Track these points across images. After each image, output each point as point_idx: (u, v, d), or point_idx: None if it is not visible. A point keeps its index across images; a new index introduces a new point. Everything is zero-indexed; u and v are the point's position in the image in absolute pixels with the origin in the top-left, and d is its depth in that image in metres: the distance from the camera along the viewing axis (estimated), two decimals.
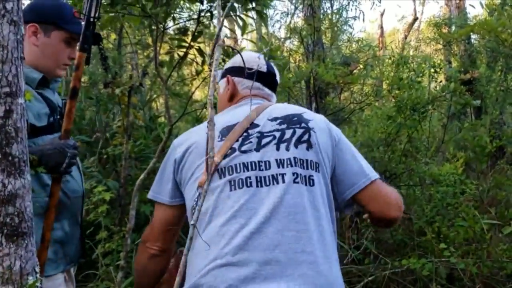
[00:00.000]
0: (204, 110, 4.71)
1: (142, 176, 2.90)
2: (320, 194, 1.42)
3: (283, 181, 1.39)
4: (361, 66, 4.81)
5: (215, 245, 1.34)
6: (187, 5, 4.06)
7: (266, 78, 1.68)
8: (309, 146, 1.46)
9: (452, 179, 3.55)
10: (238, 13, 2.90)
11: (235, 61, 1.74)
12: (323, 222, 1.39)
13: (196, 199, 1.45)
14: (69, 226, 1.76)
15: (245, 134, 1.49)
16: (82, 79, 5.31)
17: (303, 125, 1.50)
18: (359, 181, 1.49)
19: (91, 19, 1.58)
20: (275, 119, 1.52)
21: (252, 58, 1.68)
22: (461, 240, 3.33)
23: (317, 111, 4.38)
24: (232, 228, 1.34)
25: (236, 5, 2.82)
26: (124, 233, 3.03)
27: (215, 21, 3.08)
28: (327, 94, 4.86)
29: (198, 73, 3.76)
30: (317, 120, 1.56)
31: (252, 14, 2.96)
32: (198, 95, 9.35)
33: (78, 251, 1.87)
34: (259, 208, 1.36)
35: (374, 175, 1.52)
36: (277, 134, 1.48)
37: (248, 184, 1.39)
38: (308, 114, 1.57)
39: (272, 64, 1.78)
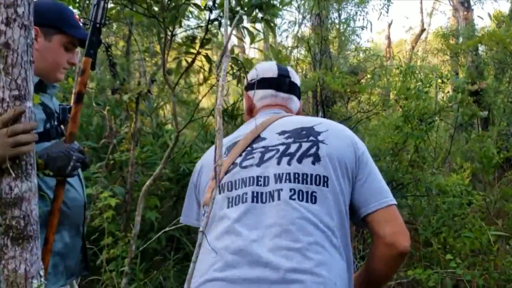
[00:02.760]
0: (211, 117, 4.73)
1: (148, 182, 2.90)
2: (326, 211, 1.32)
3: (279, 198, 1.32)
4: (369, 76, 4.81)
5: (206, 261, 1.32)
6: (195, 13, 4.09)
7: (279, 83, 1.65)
8: (316, 160, 1.37)
9: (459, 190, 3.53)
10: (245, 24, 2.92)
11: (250, 74, 1.74)
12: (323, 240, 1.28)
13: (203, 217, 1.45)
14: (69, 237, 1.69)
15: (248, 148, 1.46)
16: (90, 85, 5.35)
17: (311, 138, 1.42)
18: (377, 200, 1.38)
19: (97, 25, 1.58)
20: (283, 132, 1.47)
21: (266, 67, 1.68)
22: (467, 251, 3.31)
23: None
24: (223, 244, 1.30)
25: (244, 16, 2.84)
26: (129, 239, 3.03)
27: (223, 29, 3.10)
28: (334, 103, 4.86)
29: (205, 80, 3.78)
30: (334, 131, 1.46)
31: (261, 23, 2.97)
32: (204, 102, 9.39)
33: (80, 264, 1.79)
34: (251, 225, 1.30)
35: (392, 199, 1.41)
36: (281, 148, 1.41)
37: (244, 200, 1.34)
38: (322, 125, 1.48)
39: (288, 67, 1.74)
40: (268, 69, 1.67)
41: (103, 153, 4.22)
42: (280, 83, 1.66)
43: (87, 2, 3.34)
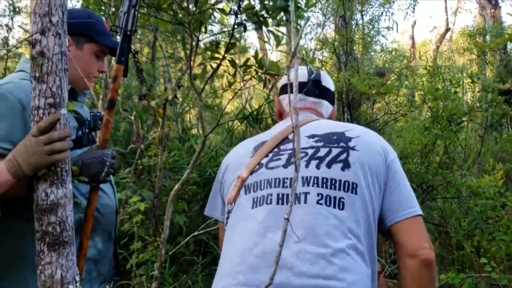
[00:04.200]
0: (235, 121, 4.74)
1: (176, 187, 2.91)
2: (353, 218, 1.29)
3: (305, 201, 1.30)
4: (395, 76, 4.74)
5: (230, 263, 1.31)
6: (218, 18, 4.11)
7: (308, 87, 1.62)
8: (346, 166, 1.35)
9: (492, 192, 3.44)
10: (271, 28, 2.91)
11: (282, 79, 1.73)
12: (349, 246, 1.26)
13: (226, 215, 1.45)
14: (102, 243, 1.70)
15: (275, 149, 1.44)
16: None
17: (341, 144, 1.40)
18: (405, 209, 1.36)
19: (128, 32, 1.59)
20: (312, 136, 1.45)
21: (299, 73, 1.66)
22: (502, 255, 3.21)
23: (350, 122, 4.33)
24: (246, 246, 1.29)
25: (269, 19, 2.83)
26: (158, 244, 3.05)
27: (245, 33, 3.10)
28: (360, 105, 4.81)
29: (230, 85, 3.79)
30: (365, 138, 1.43)
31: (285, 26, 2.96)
32: (228, 107, 9.43)
33: (112, 269, 1.80)
34: (276, 227, 1.28)
35: (419, 209, 1.38)
36: (310, 151, 1.39)
37: (268, 201, 1.33)
38: (353, 131, 1.45)
39: (321, 71, 1.71)
40: (299, 73, 1.66)
41: (131, 158, 4.27)
42: (312, 87, 1.63)
43: (112, 9, 3.38)
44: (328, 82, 1.68)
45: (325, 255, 1.23)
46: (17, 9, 10.50)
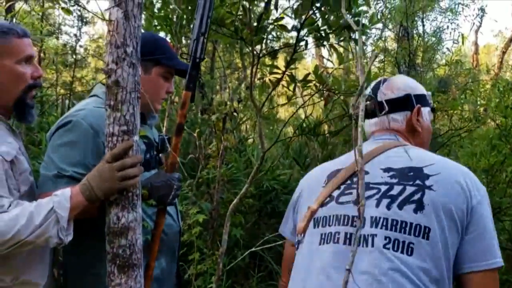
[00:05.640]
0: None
1: (235, 201, 2.94)
2: (422, 264, 1.20)
3: (372, 245, 1.23)
4: (459, 91, 4.56)
5: None
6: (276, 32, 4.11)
7: (372, 110, 1.51)
8: (419, 208, 1.24)
9: None
10: (333, 42, 2.88)
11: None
12: None
13: (296, 245, 1.43)
14: (166, 262, 1.73)
15: (348, 182, 1.38)
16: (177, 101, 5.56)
17: (417, 182, 1.29)
18: (486, 260, 1.23)
19: (197, 60, 1.62)
20: (388, 169, 1.35)
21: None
22: None
23: None
24: (312, 283, 1.27)
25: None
26: (216, 257, 3.09)
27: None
28: None
29: (289, 99, 3.78)
30: (446, 176, 1.30)
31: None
32: (283, 116, 9.43)
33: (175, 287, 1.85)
34: (342, 270, 1.21)
35: (501, 261, 1.26)
36: (383, 188, 1.31)
37: (335, 240, 1.29)
38: (433, 167, 1.32)
39: (384, 79, 1.56)
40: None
41: (190, 169, 4.36)
42: (373, 109, 1.51)
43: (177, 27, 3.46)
44: (387, 93, 1.52)
45: None
46: (84, 20, 11.08)
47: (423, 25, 6.43)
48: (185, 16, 3.16)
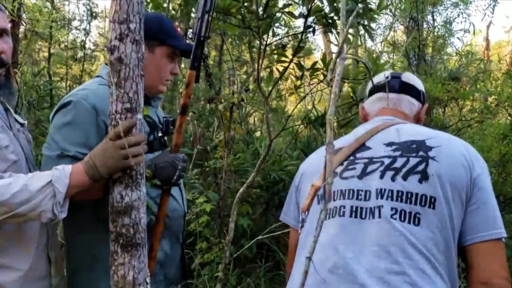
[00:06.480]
0: (302, 125, 4.70)
1: (241, 190, 2.93)
2: (429, 234, 1.20)
3: (379, 216, 1.23)
4: (471, 82, 4.50)
5: (300, 271, 1.29)
6: (285, 20, 4.09)
7: (387, 84, 1.53)
8: (424, 178, 1.24)
9: None
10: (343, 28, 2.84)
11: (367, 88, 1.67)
12: (424, 264, 1.18)
13: (300, 224, 1.42)
14: (169, 246, 1.71)
15: (351, 158, 1.38)
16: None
17: (420, 153, 1.29)
18: (487, 230, 1.23)
19: (201, 39, 1.59)
20: (390, 144, 1.36)
21: (379, 76, 1.62)
22: None
23: None
24: (317, 257, 1.25)
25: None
26: (223, 245, 3.08)
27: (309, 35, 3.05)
28: (431, 110, 4.61)
29: (296, 88, 3.76)
30: (448, 147, 1.31)
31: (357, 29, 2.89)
32: (291, 109, 9.40)
33: (179, 272, 1.81)
34: (348, 241, 1.24)
35: (504, 231, 1.26)
36: (386, 161, 1.31)
37: (341, 214, 1.29)
38: (435, 140, 1.33)
39: (404, 73, 1.62)
40: (380, 76, 1.60)
41: (196, 159, 4.35)
42: (389, 84, 1.54)
43: (172, 12, 3.43)
44: (410, 78, 1.58)
45: (398, 273, 1.17)
46: (94, 14, 11.10)
47: (433, 16, 6.35)
48: None
